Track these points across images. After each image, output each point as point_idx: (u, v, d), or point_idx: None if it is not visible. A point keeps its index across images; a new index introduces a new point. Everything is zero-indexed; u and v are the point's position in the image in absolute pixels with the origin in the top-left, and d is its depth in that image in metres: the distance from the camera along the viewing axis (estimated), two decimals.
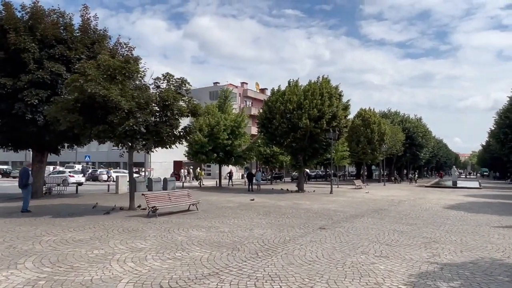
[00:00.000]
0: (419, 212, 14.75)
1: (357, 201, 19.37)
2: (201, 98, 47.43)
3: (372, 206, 17.06)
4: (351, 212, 14.37)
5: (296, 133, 24.86)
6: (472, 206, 17.97)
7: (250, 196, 21.68)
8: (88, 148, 56.97)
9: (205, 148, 28.47)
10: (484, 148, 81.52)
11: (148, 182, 25.12)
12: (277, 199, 19.57)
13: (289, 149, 27.36)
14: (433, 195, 25.28)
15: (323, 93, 24.95)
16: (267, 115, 26.30)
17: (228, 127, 29.23)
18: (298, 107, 24.74)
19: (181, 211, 13.45)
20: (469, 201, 20.99)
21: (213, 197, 20.58)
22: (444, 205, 18.00)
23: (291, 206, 16.14)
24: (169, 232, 9.29)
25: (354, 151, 40.56)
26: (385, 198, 21.72)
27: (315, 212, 14.11)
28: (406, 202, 19.57)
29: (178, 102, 13.55)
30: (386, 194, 25.29)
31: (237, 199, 19.24)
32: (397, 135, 46.11)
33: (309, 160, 26.94)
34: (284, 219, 12.14)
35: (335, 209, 15.47)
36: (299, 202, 18.36)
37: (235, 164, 31.78)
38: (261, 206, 15.96)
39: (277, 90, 26.77)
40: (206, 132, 28.74)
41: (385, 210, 15.33)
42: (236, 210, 14.49)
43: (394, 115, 54.61)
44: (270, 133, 26.81)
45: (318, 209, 15.13)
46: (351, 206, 16.67)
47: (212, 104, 31.01)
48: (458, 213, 14.73)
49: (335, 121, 25.09)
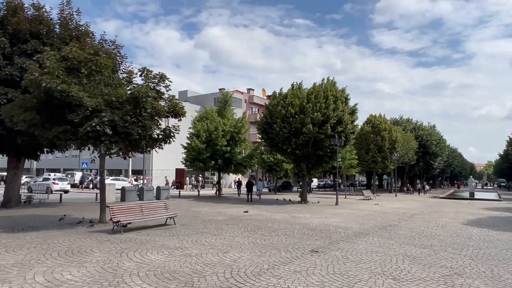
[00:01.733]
0: (434, 230, 12.63)
1: (364, 215, 17.29)
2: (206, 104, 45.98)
3: (380, 221, 14.98)
4: (354, 229, 12.36)
5: (298, 139, 22.95)
6: (495, 222, 15.72)
7: (247, 207, 19.79)
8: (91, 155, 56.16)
9: (203, 155, 26.77)
10: (502, 157, 77.82)
11: (139, 191, 23.50)
12: (274, 211, 17.64)
13: (292, 156, 25.43)
14: (449, 208, 22.95)
15: (327, 96, 23.05)
16: (268, 120, 24.49)
17: (228, 133, 27.51)
18: (300, 111, 22.88)
19: (156, 226, 11.67)
20: (490, 215, 18.68)
21: (204, 208, 18.77)
22: (463, 221, 15.79)
23: (287, 221, 14.19)
24: (120, 256, 7.49)
25: (363, 160, 38.28)
26: (395, 211, 19.55)
27: (312, 228, 12.14)
28: (419, 216, 17.40)
29: (157, 100, 11.88)
30: (397, 206, 23.07)
31: (229, 211, 17.39)
32: (409, 143, 43.67)
33: (313, 168, 24.95)
34: (272, 237, 10.23)
35: (336, 224, 13.47)
36: (297, 215, 16.39)
37: (235, 172, 30.00)
38: (253, 220, 14.07)
39: (279, 93, 24.99)
40: (204, 138, 27.08)
41: (394, 227, 13.26)
42: (222, 224, 12.63)
43: (406, 122, 52.11)
44: (271, 139, 24.94)
45: (317, 225, 13.16)
46: (356, 221, 14.63)
47: (211, 109, 29.39)
48: (481, 232, 12.57)
49: (340, 126, 23.10)
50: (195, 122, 28.59)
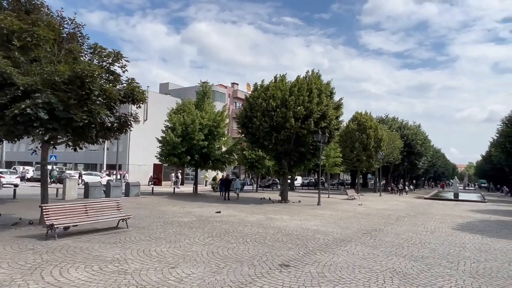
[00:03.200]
0: (424, 236, 11.32)
1: (347, 216, 15.93)
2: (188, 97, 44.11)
3: (364, 224, 13.62)
4: (335, 234, 10.92)
5: (279, 134, 21.45)
6: (486, 226, 14.58)
7: (222, 207, 18.20)
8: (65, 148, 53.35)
9: (178, 149, 24.97)
10: (484, 158, 78.44)
11: (105, 187, 21.59)
12: (249, 212, 16.09)
13: (272, 152, 23.93)
14: (435, 210, 21.90)
15: (311, 89, 21.61)
16: (248, 113, 22.90)
17: (205, 127, 25.77)
18: (282, 104, 21.37)
19: (105, 229, 9.95)
20: (479, 218, 17.62)
21: (174, 207, 17.08)
22: (453, 225, 14.60)
23: (261, 223, 12.66)
24: (30, 274, 5.79)
25: (348, 158, 37.14)
26: (380, 213, 18.29)
27: (287, 234, 10.65)
28: (405, 219, 16.15)
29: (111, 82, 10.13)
30: (381, 207, 21.87)
31: (200, 211, 15.75)
32: (394, 142, 42.81)
33: (294, 165, 23.50)
34: (238, 245, 8.67)
35: (316, 228, 12.01)
36: (274, 216, 14.89)
37: (213, 169, 28.29)
38: (222, 223, 12.48)
39: (261, 85, 23.40)
40: (180, 132, 25.27)
41: (380, 232, 11.90)
42: (185, 228, 11.00)
43: (392, 121, 51.35)
44: (251, 134, 23.37)
45: (294, 229, 11.67)
46: (338, 224, 13.22)
47: (189, 101, 27.57)
48: (474, 238, 11.33)
49: (324, 122, 21.69)
50: (171, 114, 26.76)
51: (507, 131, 37.69)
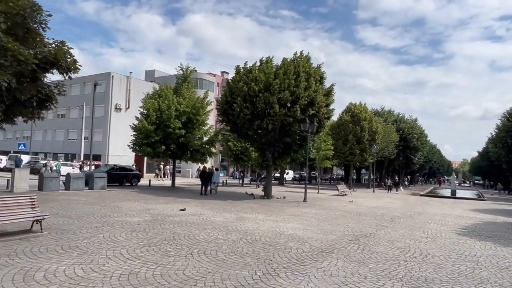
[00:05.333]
0: (425, 245, 9.11)
1: (334, 216, 13.70)
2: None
3: (352, 227, 11.39)
4: (314, 242, 8.66)
5: (262, 122, 19.13)
6: (495, 230, 12.44)
7: (192, 203, 15.91)
8: (44, 137, 50.71)
9: (151, 138, 22.55)
10: (480, 155, 76.78)
11: (65, 179, 19.19)
12: (220, 210, 13.81)
13: (255, 143, 21.62)
14: (433, 208, 19.79)
15: (299, 72, 19.24)
16: (228, 99, 20.50)
17: (183, 114, 23.34)
18: (265, 89, 18.99)
19: (9, 234, 7.61)
20: (484, 220, 15.50)
21: (134, 203, 14.73)
22: (456, 228, 12.44)
23: (226, 226, 10.38)
24: None
25: (340, 151, 34.94)
26: (372, 212, 16.11)
27: (252, 241, 8.37)
28: (401, 220, 13.97)
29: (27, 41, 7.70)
30: (374, 205, 19.71)
31: (161, 208, 13.44)
32: (390, 136, 40.70)
33: (279, 157, 21.21)
34: (175, 260, 6.38)
35: (292, 233, 9.75)
36: (247, 216, 12.62)
37: (192, 160, 25.92)
38: (178, 224, 10.18)
39: (243, 67, 20.96)
40: (154, 119, 22.84)
41: (370, 238, 9.67)
42: (123, 232, 8.68)
43: (388, 114, 49.19)
44: (232, 122, 21.03)
45: (264, 234, 9.40)
46: (321, 227, 10.97)
47: (167, 85, 25.07)
48: (486, 248, 9.14)
49: (312, 109, 19.38)
50: (145, 100, 24.29)
51: (508, 126, 35.68)
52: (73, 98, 44.45)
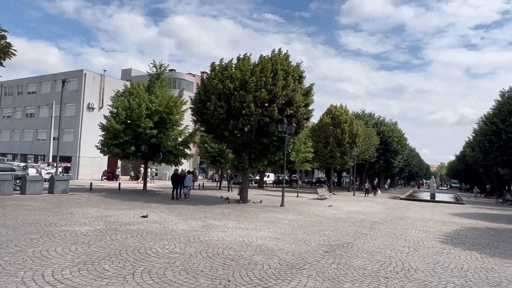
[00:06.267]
0: (407, 256, 8.23)
1: (310, 223, 12.75)
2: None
3: (329, 235, 10.45)
4: (284, 255, 7.64)
5: (238, 122, 18.07)
6: (479, 237, 11.78)
7: (159, 208, 14.66)
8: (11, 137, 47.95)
9: (120, 138, 21.09)
10: (458, 158, 78.16)
11: (21, 182, 17.54)
12: (187, 217, 12.62)
13: (231, 144, 20.53)
14: (413, 213, 19.20)
15: (276, 70, 18.30)
16: (202, 97, 19.36)
17: (155, 113, 22.00)
18: (241, 87, 17.97)
19: None
20: (465, 225, 14.92)
21: (92, 208, 13.35)
22: (439, 235, 11.71)
23: (188, 235, 9.23)
24: None
25: (321, 154, 34.27)
26: (352, 217, 15.27)
27: (213, 255, 7.27)
28: (381, 226, 13.16)
29: None
30: (354, 210, 18.94)
31: (121, 215, 12.14)
32: (370, 139, 40.39)
33: (256, 160, 20.16)
34: (111, 285, 5.20)
35: (261, 243, 8.69)
36: (216, 223, 11.50)
37: (167, 163, 24.54)
38: (133, 234, 8.96)
39: (219, 64, 19.85)
40: (123, 118, 21.40)
41: (348, 248, 8.72)
42: (61, 245, 7.41)
43: (369, 117, 49.03)
44: (206, 122, 19.89)
45: (229, 245, 8.31)
46: (295, 236, 9.97)
47: (138, 83, 23.65)
48: (472, 258, 8.36)
49: (290, 109, 18.46)
50: (115, 98, 22.82)
51: (485, 130, 35.91)
52: (43, 96, 42.23)
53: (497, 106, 35.61)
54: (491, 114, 36.31)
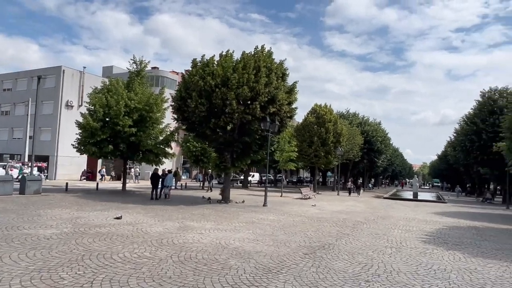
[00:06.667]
0: (389, 257, 7.94)
1: (292, 223, 12.40)
2: None
3: (310, 236, 10.10)
4: (262, 258, 7.23)
5: (219, 120, 17.59)
6: (461, 236, 11.66)
7: (135, 209, 14.05)
8: None
9: (97, 136, 20.30)
10: (439, 158, 79.58)
11: None
12: (164, 218, 12.08)
13: (213, 143, 20.02)
14: (396, 212, 19.12)
15: (259, 66, 17.90)
16: (182, 94, 18.79)
17: (135, 111, 21.26)
18: (223, 84, 17.48)
19: None
20: (448, 224, 14.85)
21: (64, 210, 12.65)
22: (421, 234, 11.53)
23: (162, 238, 8.72)
24: None
25: (305, 154, 34.07)
26: (335, 217, 15.01)
27: (185, 259, 6.80)
28: (363, 226, 12.91)
29: None
30: (337, 209, 18.72)
31: (93, 216, 11.50)
32: (355, 138, 40.49)
33: (238, 159, 19.71)
34: None
35: (238, 246, 8.26)
36: (193, 225, 11.00)
37: (147, 162, 23.82)
38: (100, 238, 8.39)
39: (200, 60, 19.30)
40: (100, 115, 20.60)
41: (329, 249, 8.38)
42: (18, 250, 6.79)
43: (353, 117, 49.25)
44: (187, 120, 19.32)
45: (204, 248, 7.84)
46: (275, 238, 9.58)
47: (117, 79, 22.85)
48: (455, 258, 8.14)
49: (273, 106, 18.09)
50: (92, 94, 21.98)
51: (467, 129, 36.41)
52: (19, 93, 40.65)
53: (478, 106, 36.13)
54: (472, 114, 36.81)
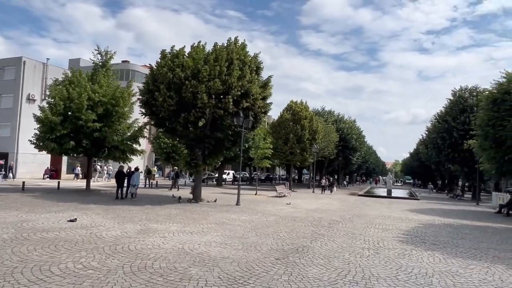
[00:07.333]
0: (367, 261, 7.35)
1: (265, 224, 11.68)
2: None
3: (283, 238, 9.40)
4: (228, 266, 6.43)
5: (189, 115, 16.61)
6: (437, 234, 11.35)
7: (96, 210, 12.88)
8: None
9: (57, 131, 18.77)
10: (411, 155, 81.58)
11: None
12: (125, 220, 11.03)
13: (183, 139, 18.99)
14: (372, 210, 18.85)
15: (232, 59, 17.04)
16: (150, 87, 17.64)
17: (99, 105, 19.85)
18: (193, 76, 16.50)
19: None
20: (423, 222, 14.62)
21: (13, 212, 11.34)
22: (398, 233, 11.11)
23: (116, 244, 7.74)
24: None
25: (281, 151, 33.51)
26: (310, 216, 14.43)
27: (139, 269, 5.89)
28: (340, 225, 12.38)
29: None
30: (312, 207, 18.21)
31: (45, 219, 10.31)
32: (330, 135, 40.37)
33: (210, 156, 18.79)
34: None
35: (203, 251, 7.43)
36: (157, 226, 10.05)
37: (114, 159, 22.44)
38: (44, 245, 7.31)
39: (170, 52, 18.18)
40: (61, 109, 19.08)
41: (303, 253, 7.70)
42: None
43: (328, 114, 49.26)
44: (155, 115, 18.20)
45: (164, 254, 6.95)
46: (245, 240, 8.80)
47: (80, 71, 21.31)
48: (434, 260, 7.67)
49: (247, 101, 17.29)
50: (52, 86, 20.38)
51: (439, 127, 37.07)
52: None
53: (449, 104, 36.83)
54: (444, 112, 37.50)
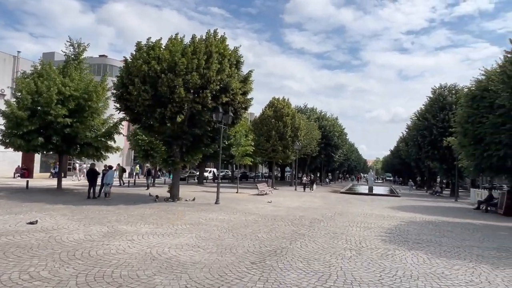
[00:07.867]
0: (349, 263, 6.90)
1: (244, 223, 11.12)
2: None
3: (261, 239, 8.87)
4: (198, 272, 5.83)
5: (166, 110, 15.85)
6: (420, 233, 11.08)
7: (63, 210, 12.00)
8: None
9: (23, 127, 17.62)
10: (392, 153, 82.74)
11: None
12: (93, 221, 10.25)
13: (160, 135, 18.20)
14: (354, 207, 18.60)
15: (211, 52, 16.34)
16: (124, 81, 16.76)
17: (70, 99, 18.77)
18: (170, 69, 15.73)
19: None
20: (405, 219, 14.41)
21: None
22: (381, 232, 10.77)
23: (75, 249, 7.01)
24: None
25: (263, 148, 33.08)
26: (291, 214, 13.98)
27: (96, 279, 5.22)
28: (321, 224, 11.96)
29: None
30: (294, 205, 17.79)
31: (3, 221, 9.42)
32: (312, 133, 40.23)
33: (188, 152, 18.06)
34: None
35: (173, 255, 6.80)
36: (126, 228, 9.33)
37: (87, 156, 21.38)
38: None
39: (146, 44, 17.31)
40: (28, 103, 17.92)
41: (282, 255, 7.19)
42: None
43: (311, 112, 49.17)
44: (130, 110, 17.32)
45: (128, 259, 6.28)
46: (220, 243, 8.22)
47: (49, 62, 20.14)
48: (419, 261, 7.31)
49: (226, 96, 16.66)
50: (19, 79, 19.16)
51: (419, 125, 37.43)
52: None
53: (429, 102, 37.24)
54: (424, 110, 37.89)
